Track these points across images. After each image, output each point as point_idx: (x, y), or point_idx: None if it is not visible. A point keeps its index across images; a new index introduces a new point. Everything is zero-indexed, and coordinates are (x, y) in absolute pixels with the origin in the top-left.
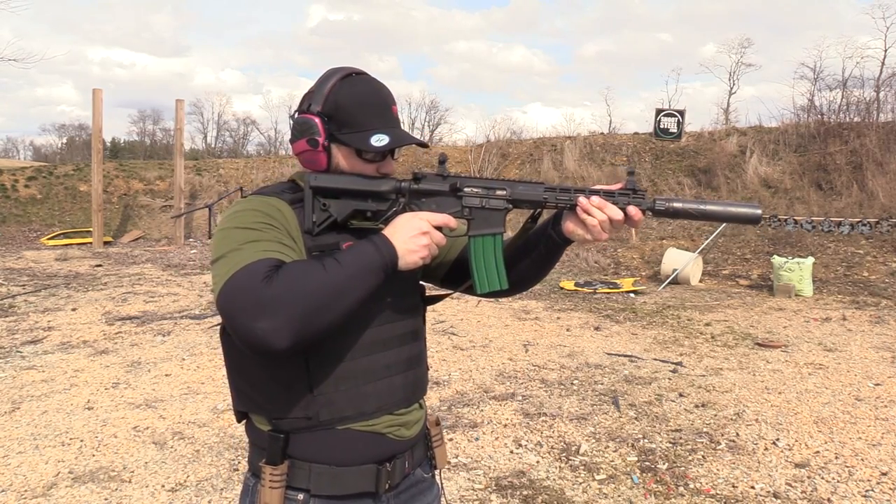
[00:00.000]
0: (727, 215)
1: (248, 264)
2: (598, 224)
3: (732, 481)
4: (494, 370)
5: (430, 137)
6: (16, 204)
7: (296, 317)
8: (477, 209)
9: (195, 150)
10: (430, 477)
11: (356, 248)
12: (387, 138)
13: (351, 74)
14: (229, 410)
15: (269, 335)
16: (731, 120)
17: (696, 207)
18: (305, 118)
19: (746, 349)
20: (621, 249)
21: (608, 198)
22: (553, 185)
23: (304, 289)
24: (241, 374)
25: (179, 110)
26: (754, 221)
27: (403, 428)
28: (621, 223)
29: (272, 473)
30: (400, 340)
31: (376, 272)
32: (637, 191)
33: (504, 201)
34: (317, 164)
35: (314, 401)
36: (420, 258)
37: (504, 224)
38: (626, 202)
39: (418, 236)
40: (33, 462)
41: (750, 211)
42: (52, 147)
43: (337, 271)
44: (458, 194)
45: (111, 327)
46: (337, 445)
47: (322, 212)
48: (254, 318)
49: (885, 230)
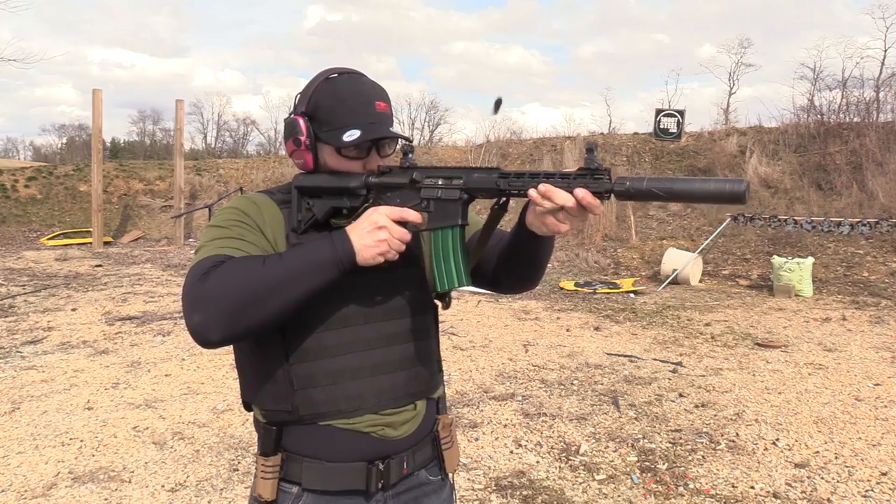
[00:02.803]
0: (703, 194)
1: (200, 261)
2: (549, 215)
3: (732, 481)
4: (494, 370)
5: (431, 137)
6: (16, 204)
7: (223, 311)
8: (434, 200)
9: (195, 151)
10: (439, 480)
11: (310, 243)
12: (358, 133)
13: (340, 74)
14: (229, 410)
15: (200, 328)
16: (731, 120)
17: (664, 187)
18: (292, 119)
19: (746, 349)
20: (621, 249)
21: (562, 182)
22: (509, 171)
23: (235, 284)
24: (241, 366)
25: (179, 110)
26: (738, 199)
27: (389, 428)
28: (575, 210)
29: (264, 464)
30: (390, 340)
31: (326, 267)
32: (597, 171)
33: (459, 191)
34: (304, 164)
35: (294, 395)
36: (377, 253)
37: (463, 216)
38: (584, 185)
39: (374, 231)
40: (33, 462)
41: (731, 187)
42: (52, 147)
43: (275, 267)
44: (417, 186)
45: (111, 327)
46: (322, 441)
47: (307, 211)
48: (190, 312)
49: (884, 230)
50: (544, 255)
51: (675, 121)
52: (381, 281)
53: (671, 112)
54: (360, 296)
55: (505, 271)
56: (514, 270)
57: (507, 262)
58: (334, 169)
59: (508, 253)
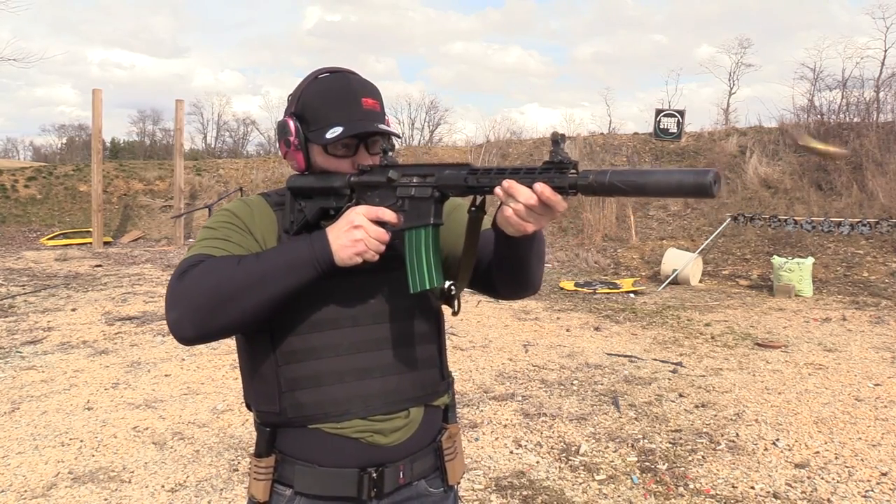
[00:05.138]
0: (669, 187)
1: (183, 260)
2: (512, 213)
3: (732, 481)
4: (494, 370)
5: (430, 138)
6: (16, 204)
7: (196, 308)
8: (409, 199)
9: (195, 151)
10: (441, 492)
11: (289, 243)
12: (339, 129)
13: (330, 73)
14: (229, 411)
15: (175, 325)
16: (731, 120)
17: (627, 180)
18: (282, 120)
19: (746, 349)
20: (621, 250)
21: (527, 178)
22: (478, 167)
23: (208, 283)
24: (240, 366)
25: (179, 111)
26: (703, 191)
27: (379, 435)
28: (539, 208)
29: (257, 465)
30: (380, 344)
31: (302, 267)
32: (562, 164)
33: (431, 188)
34: (297, 165)
35: (282, 396)
36: (354, 253)
37: (436, 214)
38: (547, 181)
39: (350, 230)
40: (33, 462)
41: (696, 178)
42: (52, 147)
43: (250, 266)
44: (393, 184)
45: (111, 327)
46: (312, 445)
47: (299, 212)
48: (167, 309)
49: (884, 230)
50: (528, 257)
51: (676, 121)
52: (372, 283)
53: (671, 112)
54: (349, 298)
55: (498, 276)
56: (504, 276)
57: (496, 267)
58: (324, 169)
59: (495, 258)
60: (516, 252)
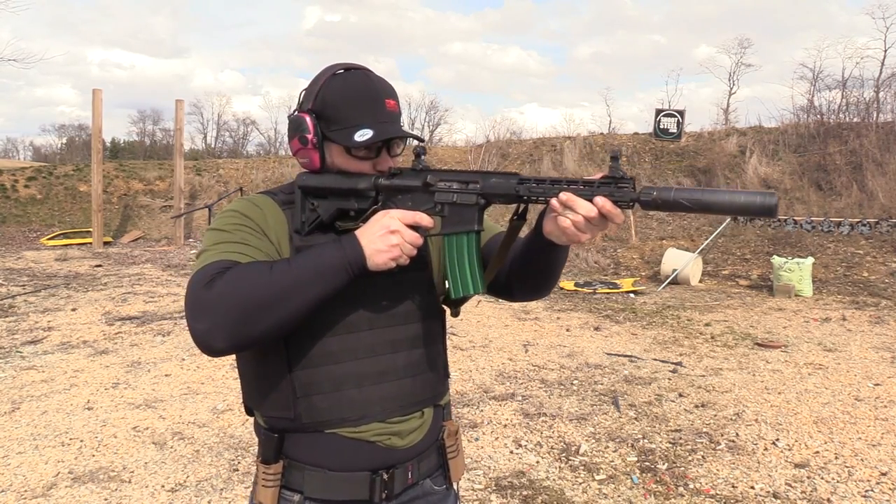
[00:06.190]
0: (734, 207)
1: (204, 266)
2: (570, 225)
3: (732, 481)
4: (494, 370)
5: (430, 138)
6: (16, 204)
7: (230, 319)
8: (449, 205)
9: (195, 151)
10: (444, 489)
11: (319, 248)
12: (370, 132)
13: (347, 70)
14: (229, 410)
15: (205, 336)
16: (731, 120)
17: (693, 198)
18: (297, 116)
19: (746, 349)
20: (621, 250)
21: (586, 191)
22: (528, 176)
23: (241, 291)
24: (242, 370)
25: (179, 111)
26: (768, 212)
27: (396, 437)
28: (597, 220)
29: (265, 472)
30: (395, 346)
31: (336, 272)
32: (621, 179)
33: (475, 195)
34: (310, 163)
35: (297, 402)
36: (390, 258)
37: (479, 221)
38: (608, 195)
39: (386, 235)
40: (33, 462)
41: (762, 200)
42: (52, 147)
43: (284, 272)
44: (431, 189)
45: (111, 327)
46: (326, 450)
47: (311, 212)
48: (194, 319)
49: (884, 230)
50: (560, 263)
51: (675, 121)
52: (388, 285)
53: (671, 112)
54: (366, 301)
55: (518, 280)
56: (528, 279)
57: (520, 271)
58: (342, 169)
59: (522, 262)
60: (554, 258)
